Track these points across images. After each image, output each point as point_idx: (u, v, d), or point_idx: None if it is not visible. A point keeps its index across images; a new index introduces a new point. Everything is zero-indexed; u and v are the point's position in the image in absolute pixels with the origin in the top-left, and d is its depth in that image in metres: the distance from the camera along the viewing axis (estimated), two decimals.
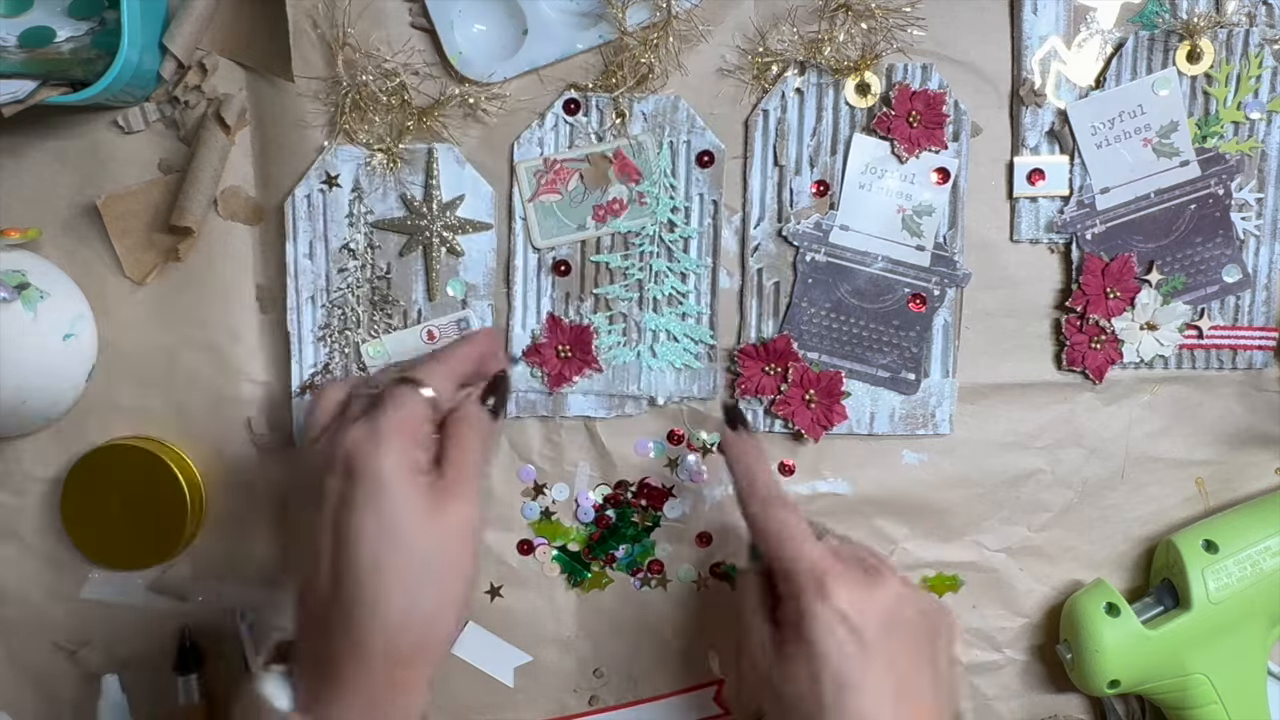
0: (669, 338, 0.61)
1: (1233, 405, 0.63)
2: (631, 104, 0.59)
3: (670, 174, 0.60)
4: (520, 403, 0.62)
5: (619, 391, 0.61)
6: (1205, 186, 0.60)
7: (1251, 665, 0.62)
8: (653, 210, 0.60)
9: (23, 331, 0.57)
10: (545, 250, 0.60)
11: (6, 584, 0.65)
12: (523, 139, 0.59)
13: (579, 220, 0.60)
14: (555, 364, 0.61)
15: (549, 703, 0.65)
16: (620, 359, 0.61)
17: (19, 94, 0.55)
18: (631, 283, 0.61)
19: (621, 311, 0.61)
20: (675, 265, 0.61)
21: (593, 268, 0.61)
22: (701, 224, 0.60)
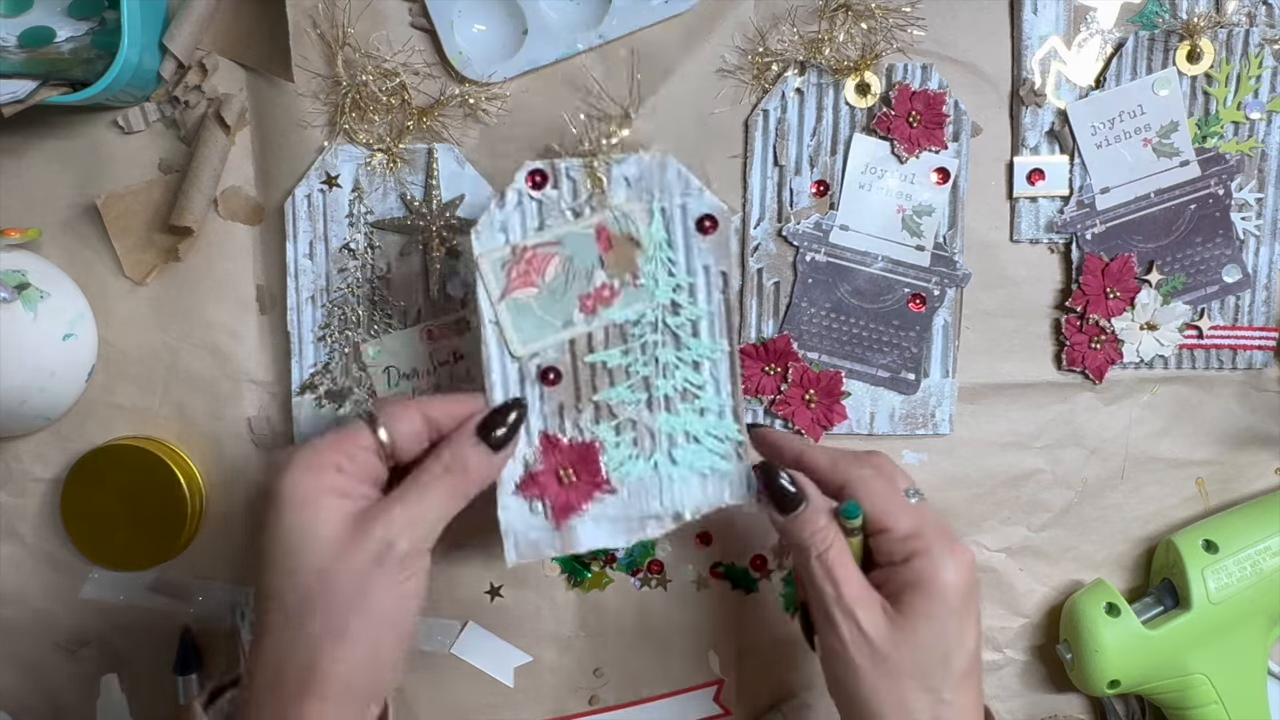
0: (689, 439, 0.52)
1: (1233, 405, 0.63)
2: (610, 168, 0.51)
3: (667, 246, 0.51)
4: (520, 546, 0.52)
5: (639, 512, 0.53)
6: (1205, 186, 0.60)
7: (1251, 665, 0.62)
8: (650, 292, 0.51)
9: (23, 331, 0.57)
10: (527, 358, 0.51)
11: (6, 584, 0.65)
12: (480, 226, 0.51)
13: (564, 316, 0.51)
14: (558, 493, 0.52)
15: (549, 703, 0.65)
16: (634, 474, 0.52)
17: (19, 94, 0.55)
18: (637, 381, 0.52)
19: (629, 418, 0.52)
20: (685, 354, 0.52)
21: (588, 370, 0.52)
22: (710, 301, 0.52)
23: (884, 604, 0.48)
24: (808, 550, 0.49)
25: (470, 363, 0.61)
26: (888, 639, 0.47)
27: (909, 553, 0.48)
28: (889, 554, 0.49)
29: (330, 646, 0.43)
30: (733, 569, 0.64)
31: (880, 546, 0.49)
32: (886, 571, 0.49)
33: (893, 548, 0.49)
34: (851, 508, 0.49)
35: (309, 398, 0.62)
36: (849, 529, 0.50)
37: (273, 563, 0.44)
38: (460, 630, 0.64)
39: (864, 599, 0.48)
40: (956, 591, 0.48)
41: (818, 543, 0.49)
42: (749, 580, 0.64)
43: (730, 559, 0.64)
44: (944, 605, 0.47)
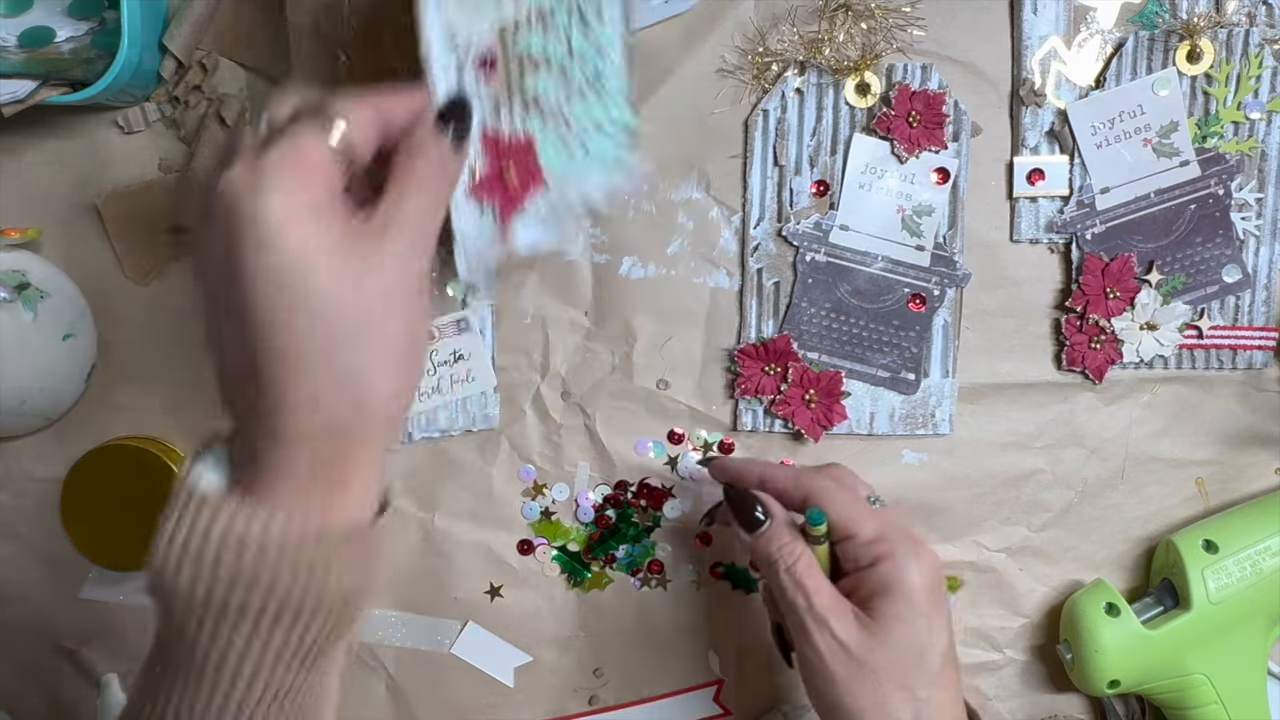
0: (597, 129, 0.50)
1: (1233, 405, 0.63)
2: None
3: None
4: (469, 254, 0.48)
5: (564, 207, 0.50)
6: (1205, 186, 0.60)
7: (1251, 665, 0.62)
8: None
9: (23, 331, 0.57)
10: (463, 48, 0.45)
11: (6, 584, 0.65)
12: None
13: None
14: (502, 192, 0.48)
15: (549, 703, 0.65)
16: (559, 167, 0.49)
17: (19, 94, 0.55)
18: (556, 71, 0.48)
19: (553, 110, 0.49)
20: (592, 37, 0.49)
21: (517, 61, 0.47)
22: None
23: (855, 611, 0.49)
24: (776, 565, 0.50)
25: (470, 364, 0.61)
26: (862, 644, 0.48)
27: (874, 557, 0.49)
28: (855, 559, 0.50)
29: (375, 377, 0.39)
30: (733, 569, 0.64)
31: (846, 553, 0.50)
32: (854, 578, 0.50)
33: (858, 553, 0.50)
34: (816, 514, 0.50)
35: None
36: (815, 537, 0.51)
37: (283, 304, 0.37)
38: (460, 630, 0.64)
39: (835, 607, 0.49)
40: (923, 591, 0.48)
41: (785, 556, 0.50)
42: (749, 580, 0.64)
43: (730, 559, 0.64)
44: (913, 606, 0.48)
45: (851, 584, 0.50)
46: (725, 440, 0.63)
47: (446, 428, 0.62)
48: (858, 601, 0.49)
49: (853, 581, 0.50)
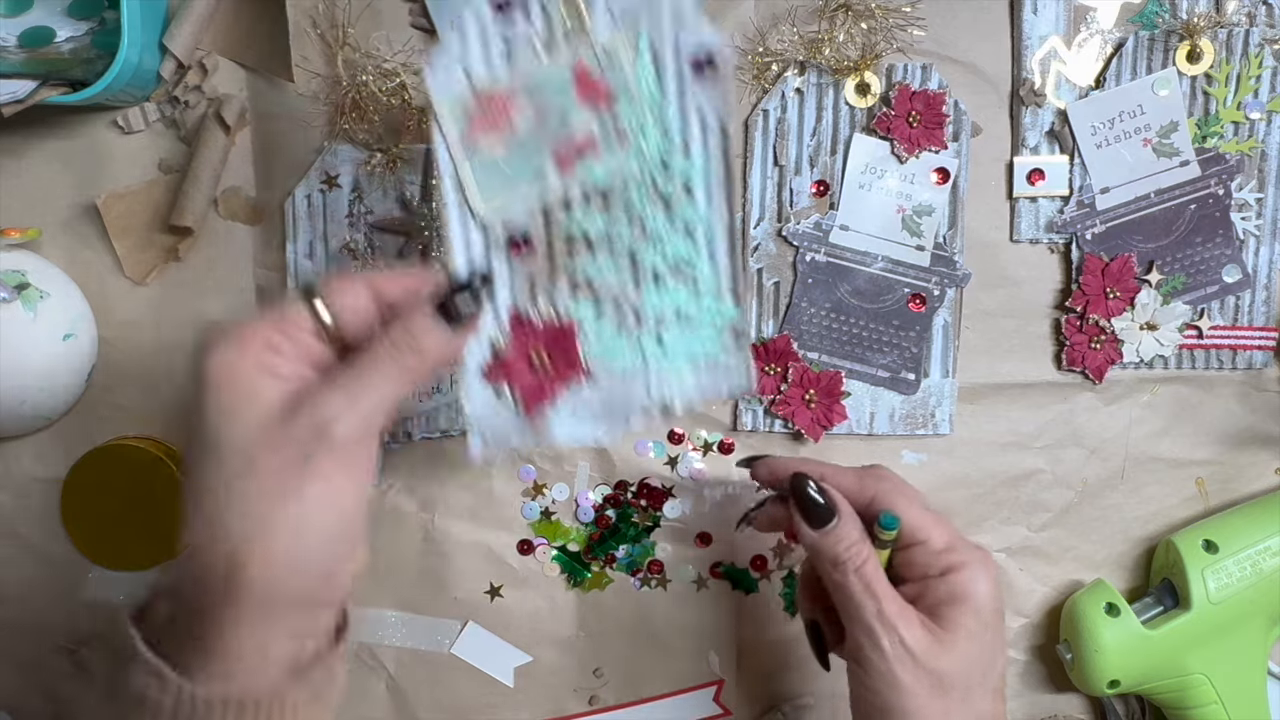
0: (679, 320, 0.45)
1: (1233, 405, 0.63)
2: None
3: (656, 89, 0.43)
4: (486, 435, 0.46)
5: (621, 403, 0.46)
6: (1205, 186, 0.60)
7: (1251, 665, 0.62)
8: (637, 146, 0.43)
9: (23, 331, 0.57)
10: (492, 219, 0.44)
11: (6, 584, 0.65)
12: (434, 62, 0.43)
13: (535, 172, 0.43)
14: (529, 379, 0.45)
15: (549, 703, 0.65)
16: (617, 359, 0.46)
17: (19, 94, 0.55)
18: (621, 252, 0.45)
19: (613, 295, 0.45)
20: (677, 220, 0.44)
21: (564, 238, 0.45)
22: (707, 158, 0.44)
23: (922, 619, 0.48)
24: (844, 565, 0.48)
25: None
26: (930, 652, 0.47)
27: (946, 566, 0.48)
28: (924, 567, 0.49)
29: (252, 545, 0.37)
30: (733, 569, 0.64)
31: (914, 559, 0.49)
32: (920, 585, 0.49)
33: (929, 560, 0.49)
34: (889, 519, 0.48)
35: None
36: (883, 541, 0.49)
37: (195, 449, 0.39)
38: (460, 630, 0.64)
39: (904, 614, 0.47)
40: (993, 606, 0.48)
41: (854, 556, 0.48)
42: (749, 580, 0.64)
43: (730, 559, 0.64)
44: (982, 620, 0.47)
45: (916, 591, 0.49)
46: (725, 440, 0.63)
47: (446, 428, 0.62)
48: (923, 609, 0.48)
49: (918, 589, 0.49)
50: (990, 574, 0.48)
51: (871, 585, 0.47)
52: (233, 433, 0.38)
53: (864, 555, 0.48)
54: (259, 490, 0.38)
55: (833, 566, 0.49)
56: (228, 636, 0.38)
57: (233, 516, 0.37)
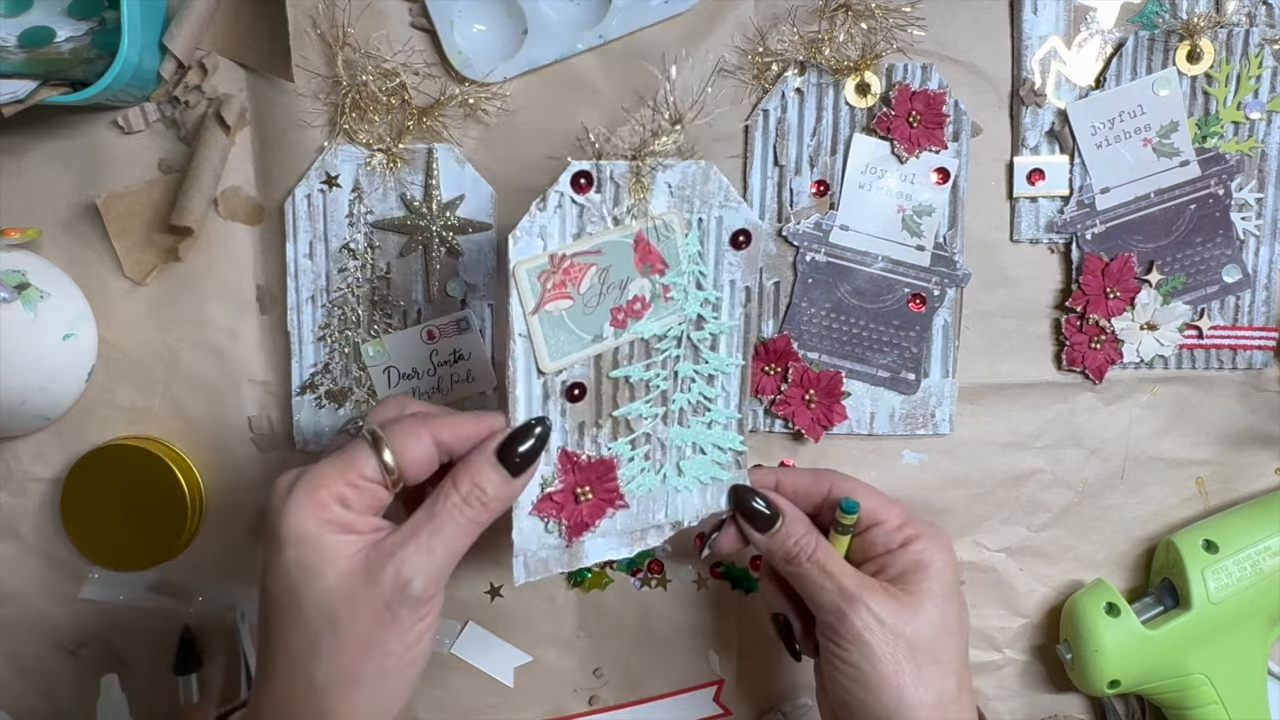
0: (695, 451, 0.52)
1: (1233, 405, 0.63)
2: (655, 174, 0.48)
3: (699, 259, 0.50)
4: (530, 565, 0.50)
5: (643, 524, 0.52)
6: (1205, 186, 0.60)
7: (1251, 665, 0.62)
8: (680, 306, 0.50)
9: (23, 331, 0.57)
10: (553, 374, 0.48)
11: (6, 584, 0.65)
12: (519, 231, 0.46)
13: (595, 330, 0.48)
14: (574, 511, 0.50)
15: (549, 703, 0.65)
16: (645, 487, 0.51)
17: (19, 94, 0.55)
18: (655, 396, 0.50)
19: (645, 432, 0.50)
20: (704, 368, 0.51)
21: (610, 385, 0.50)
22: (734, 315, 0.51)
23: (886, 587, 0.49)
24: (797, 557, 0.51)
25: (471, 364, 0.61)
26: (898, 618, 0.48)
27: (905, 539, 0.51)
28: (884, 544, 0.51)
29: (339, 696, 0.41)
30: (733, 569, 0.64)
31: (874, 539, 0.52)
32: (882, 560, 0.51)
33: (888, 538, 0.51)
34: (851, 504, 0.51)
35: (309, 398, 0.62)
36: (844, 526, 0.52)
37: (276, 605, 0.41)
38: (460, 630, 0.64)
39: (867, 585, 0.49)
40: (951, 569, 0.51)
41: (804, 547, 0.51)
42: (749, 580, 0.64)
43: (730, 559, 0.64)
44: (943, 583, 0.50)
45: (878, 566, 0.51)
46: None
47: None
48: (887, 580, 0.50)
49: (880, 563, 0.51)
50: (946, 546, 0.51)
51: (827, 567, 0.50)
52: (316, 592, 0.41)
53: (814, 544, 0.51)
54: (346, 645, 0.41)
55: (787, 562, 0.51)
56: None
57: (320, 670, 0.41)
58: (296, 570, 0.41)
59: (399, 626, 0.41)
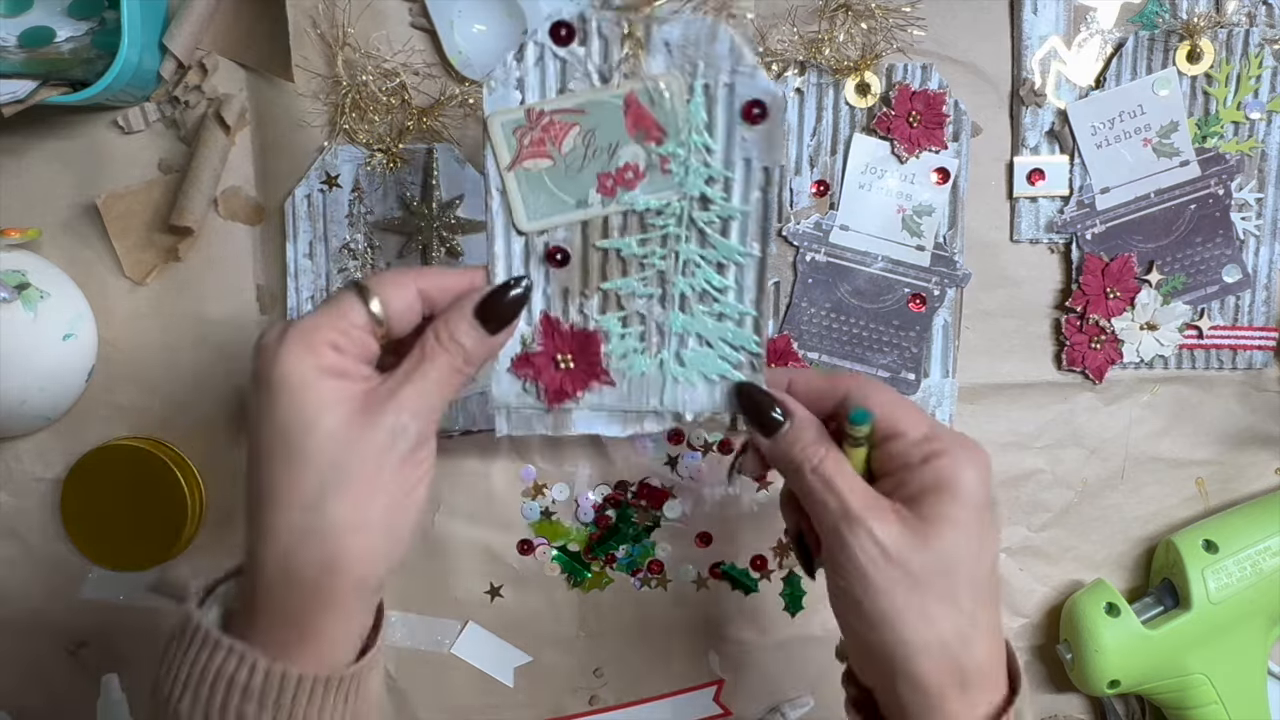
0: (700, 343, 0.48)
1: (1233, 405, 0.63)
2: (650, 28, 0.43)
3: (706, 131, 0.45)
4: (512, 418, 0.50)
5: (637, 407, 0.49)
6: (1205, 186, 0.60)
7: (1251, 665, 0.62)
8: (680, 181, 0.46)
9: (23, 331, 0.57)
10: (534, 234, 0.46)
11: (6, 584, 0.65)
12: (494, 80, 0.44)
13: (579, 194, 0.46)
14: (553, 377, 0.49)
15: (549, 703, 0.65)
16: (637, 369, 0.49)
17: (19, 94, 0.55)
18: (651, 275, 0.47)
19: (638, 311, 0.48)
20: (710, 253, 0.47)
21: (599, 256, 0.47)
22: (748, 200, 0.46)
23: (897, 509, 0.44)
24: (801, 467, 0.45)
25: None
26: (904, 547, 0.43)
27: (927, 454, 0.44)
28: (903, 457, 0.45)
29: (349, 539, 0.41)
30: (733, 569, 0.64)
31: (892, 452, 0.45)
32: (899, 476, 0.45)
33: (908, 451, 0.45)
34: (860, 414, 0.44)
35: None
36: (856, 439, 0.45)
37: (273, 456, 0.41)
38: (460, 630, 0.64)
39: (874, 506, 0.44)
40: (980, 492, 0.44)
41: (810, 457, 0.45)
42: (749, 580, 0.64)
43: (730, 559, 0.64)
44: (966, 508, 0.43)
45: (894, 483, 0.45)
46: (725, 440, 0.63)
47: (446, 428, 0.62)
48: (901, 500, 0.44)
49: (896, 480, 0.45)
50: (978, 462, 0.44)
51: (832, 482, 0.44)
52: (319, 437, 0.40)
53: (820, 454, 0.45)
54: (352, 489, 0.40)
55: (793, 471, 0.46)
56: (324, 623, 0.41)
57: (327, 516, 0.40)
58: (296, 417, 0.40)
59: (402, 467, 0.42)
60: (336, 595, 0.41)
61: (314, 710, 0.41)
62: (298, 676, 0.40)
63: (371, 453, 0.41)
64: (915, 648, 0.42)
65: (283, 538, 0.41)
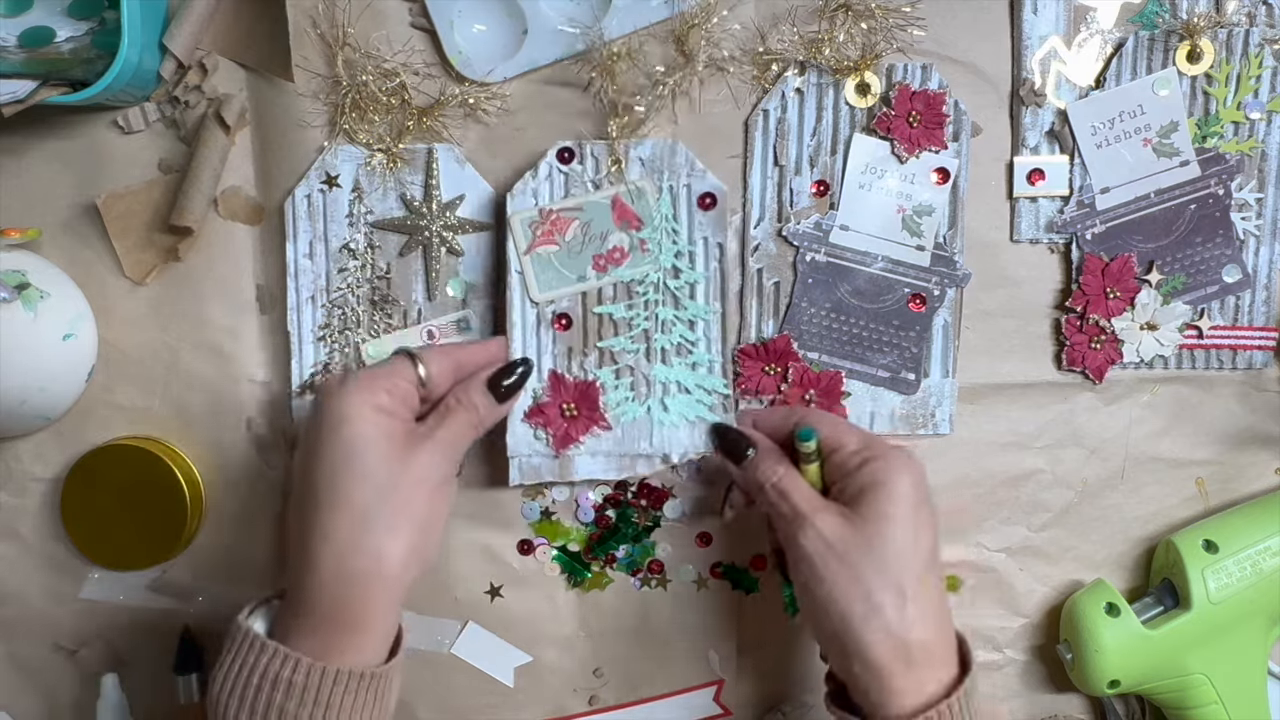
0: (680, 389, 0.59)
1: (1233, 405, 0.63)
2: (628, 150, 0.58)
3: (672, 218, 0.59)
4: (523, 468, 0.60)
5: (630, 451, 0.60)
6: (1205, 186, 0.60)
7: (1251, 665, 0.62)
8: (656, 257, 0.59)
9: (23, 331, 0.57)
10: (544, 304, 0.59)
11: (6, 584, 0.65)
12: (515, 190, 0.58)
13: (579, 271, 0.58)
14: (560, 424, 0.59)
15: (549, 703, 0.65)
16: (629, 415, 0.59)
17: (19, 94, 0.55)
18: (637, 333, 0.59)
19: (628, 365, 0.59)
20: (682, 313, 0.59)
21: (595, 320, 0.59)
22: (707, 268, 0.59)
23: (840, 509, 0.51)
24: (763, 484, 0.54)
25: None
26: (846, 539, 0.50)
27: (863, 459, 0.52)
28: (844, 467, 0.53)
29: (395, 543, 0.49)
30: (733, 569, 0.64)
31: (836, 463, 0.53)
32: (842, 484, 0.52)
33: (847, 460, 0.53)
34: (806, 432, 0.53)
35: (309, 398, 0.62)
36: (806, 455, 0.53)
37: (335, 472, 0.49)
38: (460, 630, 0.64)
39: (819, 507, 0.51)
40: (911, 490, 0.51)
41: (769, 475, 0.53)
42: (749, 580, 0.64)
43: (730, 559, 0.64)
44: (898, 503, 0.50)
45: (838, 490, 0.53)
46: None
47: None
48: (845, 503, 0.51)
49: (839, 487, 0.53)
50: (909, 467, 0.51)
51: (786, 491, 0.52)
52: (378, 455, 0.49)
53: (779, 472, 0.53)
54: (399, 504, 0.49)
55: (758, 490, 0.54)
56: (370, 617, 0.49)
57: (382, 521, 0.49)
58: (358, 440, 0.49)
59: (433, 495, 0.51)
60: (381, 591, 0.49)
61: (349, 701, 0.48)
62: (336, 671, 0.47)
63: (414, 476, 0.50)
64: (860, 629, 0.48)
65: (341, 539, 0.48)
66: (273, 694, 0.47)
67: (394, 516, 0.49)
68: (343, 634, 0.48)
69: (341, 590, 0.48)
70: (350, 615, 0.48)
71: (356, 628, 0.48)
